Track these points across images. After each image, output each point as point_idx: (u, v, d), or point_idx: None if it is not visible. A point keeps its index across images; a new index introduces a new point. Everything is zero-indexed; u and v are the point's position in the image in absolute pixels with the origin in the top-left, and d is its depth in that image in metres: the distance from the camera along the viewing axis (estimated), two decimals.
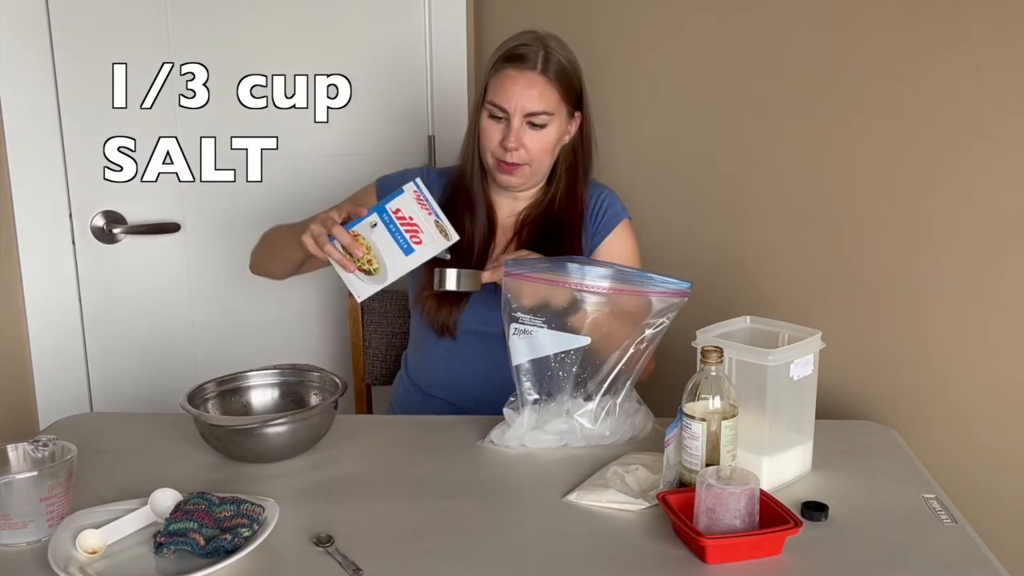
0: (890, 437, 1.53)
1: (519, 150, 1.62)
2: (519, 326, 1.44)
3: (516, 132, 1.61)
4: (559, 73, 1.63)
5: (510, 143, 1.61)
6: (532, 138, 1.63)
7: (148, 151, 2.13)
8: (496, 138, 1.63)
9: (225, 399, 1.53)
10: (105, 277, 2.14)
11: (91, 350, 2.16)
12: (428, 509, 1.28)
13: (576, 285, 1.43)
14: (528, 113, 1.61)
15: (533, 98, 1.60)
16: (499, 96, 1.61)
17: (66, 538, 1.15)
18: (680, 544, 1.18)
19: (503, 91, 1.61)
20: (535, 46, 1.62)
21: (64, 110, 2.04)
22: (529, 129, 1.62)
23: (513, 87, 1.61)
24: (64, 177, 2.07)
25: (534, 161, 1.65)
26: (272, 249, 1.77)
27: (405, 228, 1.52)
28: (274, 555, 1.16)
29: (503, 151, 1.63)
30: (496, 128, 1.63)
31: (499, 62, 1.63)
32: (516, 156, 1.63)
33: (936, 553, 1.17)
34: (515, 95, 1.60)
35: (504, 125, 1.62)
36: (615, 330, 1.46)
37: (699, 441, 1.26)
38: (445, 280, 1.52)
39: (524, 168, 1.65)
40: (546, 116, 1.62)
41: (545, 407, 1.46)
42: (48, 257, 2.08)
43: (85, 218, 2.11)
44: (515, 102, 1.60)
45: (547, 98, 1.62)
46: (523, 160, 1.64)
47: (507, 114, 1.61)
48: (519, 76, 1.61)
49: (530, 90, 1.60)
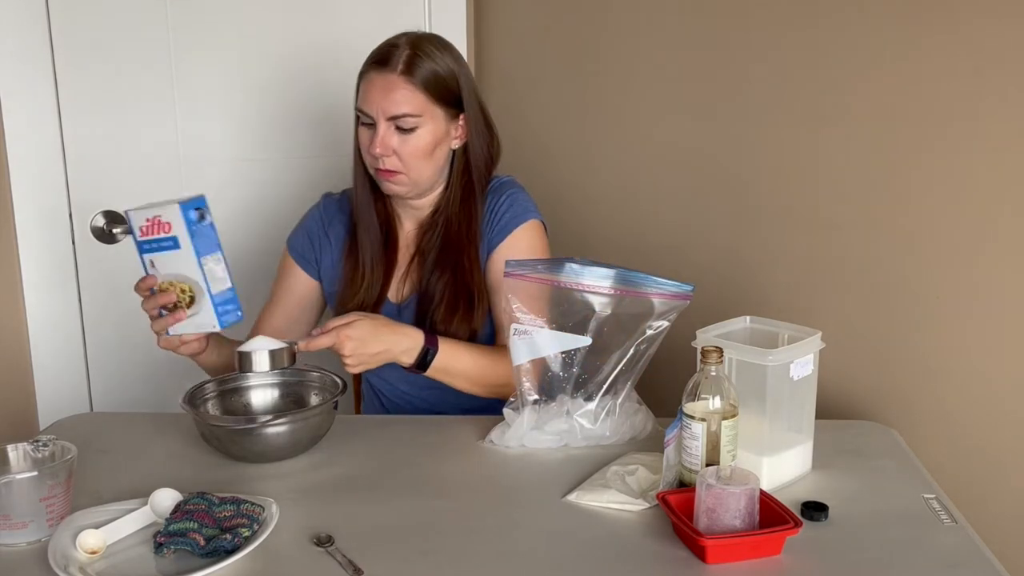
0: (890, 437, 1.53)
1: (390, 156, 1.56)
2: (519, 327, 1.44)
3: (381, 137, 1.55)
4: (425, 74, 1.55)
5: (375, 149, 1.55)
6: (401, 143, 1.56)
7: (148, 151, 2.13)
8: (366, 143, 1.58)
9: (225, 399, 1.54)
10: (105, 277, 2.14)
11: (91, 350, 2.16)
12: (428, 509, 1.28)
13: (575, 285, 1.43)
14: (390, 116, 1.54)
15: (394, 101, 1.54)
16: (362, 101, 1.57)
17: (66, 538, 1.15)
18: (680, 544, 1.18)
19: (365, 96, 1.57)
20: (402, 47, 1.56)
21: (64, 110, 2.04)
22: (398, 133, 1.56)
23: (373, 91, 1.55)
24: (64, 177, 2.07)
25: (410, 168, 1.58)
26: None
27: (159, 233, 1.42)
28: (274, 555, 1.16)
29: (373, 158, 1.58)
30: (367, 135, 1.58)
31: (364, 66, 1.59)
32: (389, 163, 1.57)
33: (936, 553, 1.17)
34: (375, 99, 1.55)
35: (372, 132, 1.57)
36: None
37: (699, 441, 1.26)
38: (252, 363, 1.41)
39: (401, 176, 1.59)
40: (412, 119, 1.55)
41: (545, 407, 1.46)
42: (48, 257, 2.08)
43: (85, 218, 2.11)
44: (376, 106, 1.55)
45: (410, 100, 1.54)
46: (396, 167, 1.57)
47: (372, 119, 1.56)
48: (378, 79, 1.55)
49: (391, 93, 1.54)
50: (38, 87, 2.01)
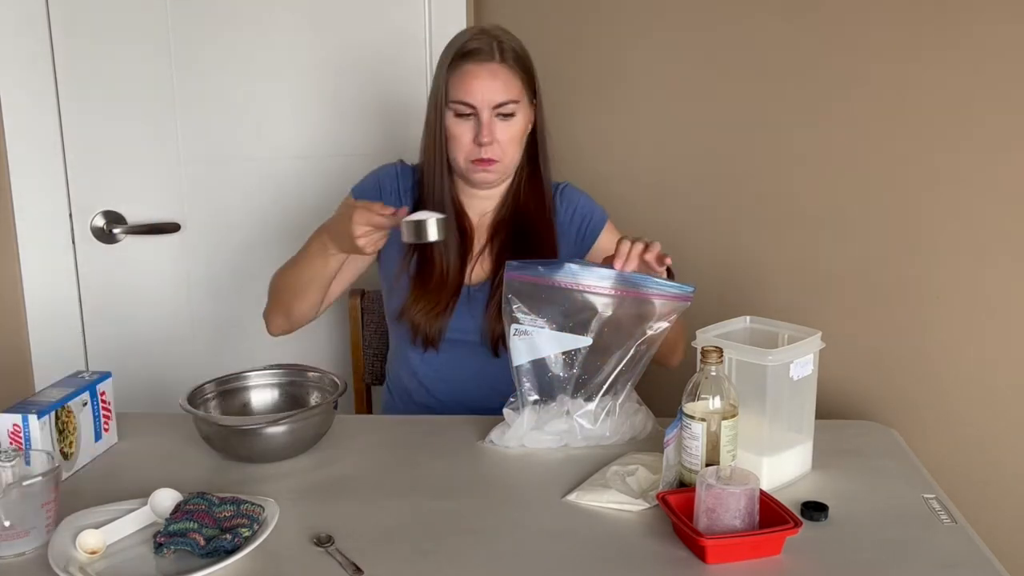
0: (890, 437, 1.53)
1: (493, 144, 1.59)
2: (519, 327, 1.44)
3: (488, 125, 1.58)
4: (517, 60, 1.61)
5: (484, 137, 1.58)
6: (502, 130, 1.60)
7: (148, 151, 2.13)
8: (467, 137, 1.60)
9: (225, 399, 1.53)
10: (105, 277, 2.14)
11: (91, 350, 2.16)
12: (428, 509, 1.28)
13: (576, 286, 1.43)
14: (496, 104, 1.58)
15: (498, 88, 1.58)
16: (463, 93, 1.58)
17: (66, 538, 1.15)
18: (680, 544, 1.18)
19: (466, 87, 1.58)
20: (486, 38, 1.60)
21: (64, 110, 2.04)
22: (499, 121, 1.60)
23: (475, 81, 1.57)
24: (64, 177, 2.07)
25: (505, 154, 1.62)
26: (296, 283, 1.66)
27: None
28: (274, 555, 1.16)
29: (476, 148, 1.60)
30: (465, 127, 1.60)
31: (455, 60, 1.60)
32: (491, 151, 1.60)
33: (936, 553, 1.17)
34: (480, 88, 1.57)
35: (473, 122, 1.59)
36: None
37: (699, 441, 1.26)
38: (426, 231, 1.43)
39: (498, 163, 1.62)
40: (513, 105, 1.60)
41: (545, 408, 1.46)
42: (48, 257, 2.08)
43: (85, 218, 2.11)
44: (481, 95, 1.57)
45: (512, 86, 1.59)
46: (496, 155, 1.61)
47: (475, 110, 1.58)
48: (480, 69, 1.58)
49: (494, 81, 1.58)
50: (38, 87, 2.01)
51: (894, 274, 1.85)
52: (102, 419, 1.46)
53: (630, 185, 1.97)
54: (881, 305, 1.87)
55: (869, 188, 1.86)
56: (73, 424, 1.39)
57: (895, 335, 1.86)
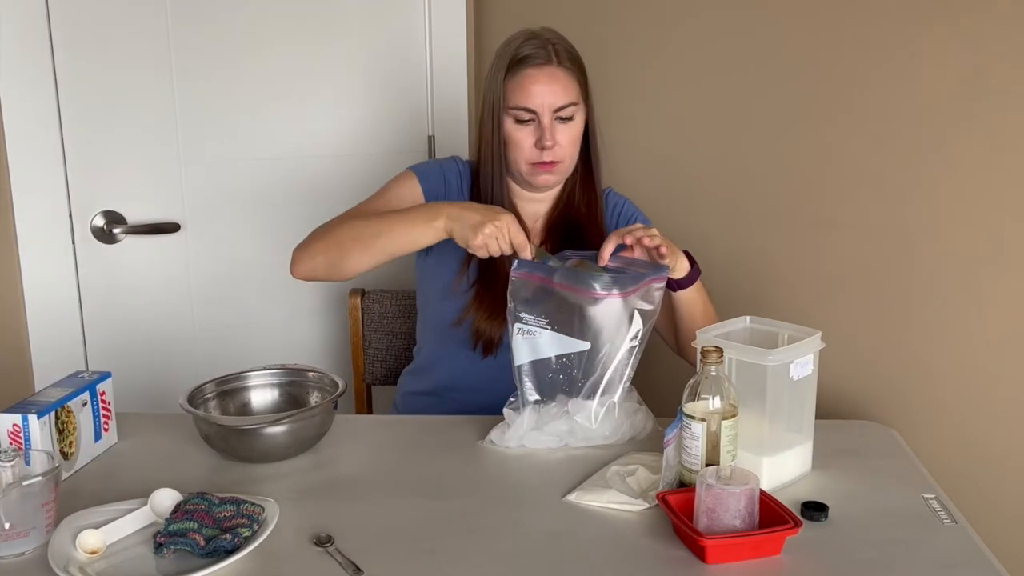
0: (890, 437, 1.53)
1: (555, 147, 1.61)
2: (523, 326, 1.44)
3: (549, 129, 1.59)
4: (573, 61, 1.62)
5: (547, 141, 1.59)
6: (563, 132, 1.61)
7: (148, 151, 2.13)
8: (528, 142, 1.61)
9: (225, 399, 1.53)
10: (105, 277, 2.14)
11: (91, 350, 2.16)
12: (428, 509, 1.28)
13: (573, 289, 1.43)
14: (557, 108, 1.59)
15: (558, 92, 1.59)
16: (523, 98, 1.59)
17: (66, 538, 1.15)
18: (680, 544, 1.18)
19: (526, 92, 1.59)
20: (540, 42, 1.61)
21: (64, 110, 2.04)
22: (559, 124, 1.61)
23: (535, 86, 1.59)
24: (64, 177, 2.07)
25: (566, 156, 1.64)
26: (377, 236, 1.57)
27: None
28: (274, 555, 1.16)
29: (538, 153, 1.61)
30: (526, 132, 1.61)
31: (513, 66, 1.60)
32: (552, 154, 1.61)
33: (936, 553, 1.17)
34: (540, 93, 1.59)
35: (534, 127, 1.61)
36: None
37: (699, 441, 1.26)
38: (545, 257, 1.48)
39: (561, 164, 1.63)
40: (573, 107, 1.61)
41: (545, 408, 1.46)
42: (48, 257, 2.08)
43: (85, 218, 2.11)
44: (541, 99, 1.59)
45: (570, 89, 1.61)
46: (558, 157, 1.62)
47: (535, 115, 1.60)
48: (539, 74, 1.59)
49: (554, 84, 1.59)
50: (38, 87, 2.00)
51: (894, 274, 1.85)
52: (102, 419, 1.46)
53: (630, 185, 1.97)
54: (881, 305, 1.87)
55: (869, 188, 1.86)
56: (73, 424, 1.39)
57: (895, 335, 1.86)
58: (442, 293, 1.71)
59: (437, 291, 1.72)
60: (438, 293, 1.72)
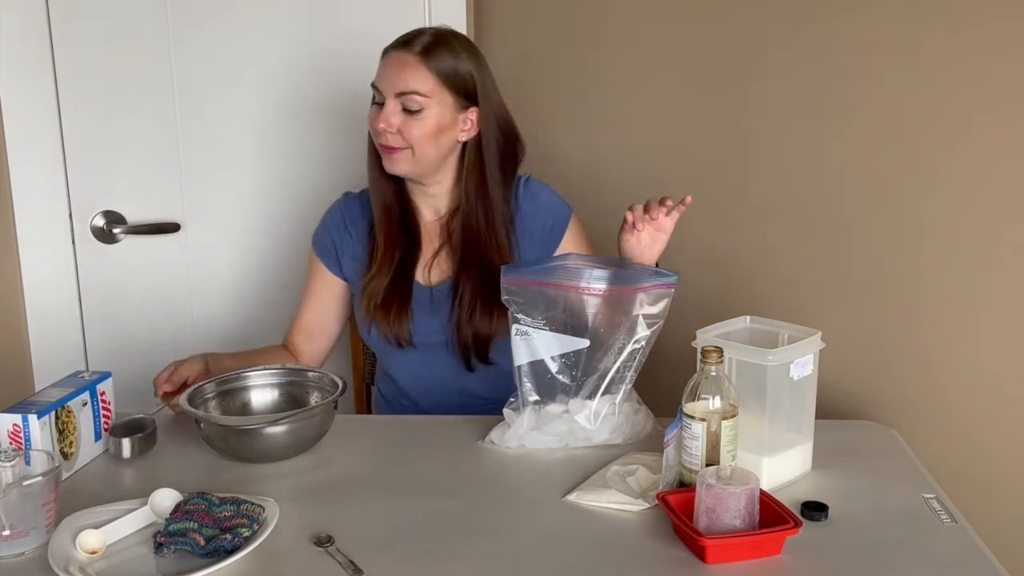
0: (890, 437, 1.53)
1: (393, 133, 1.59)
2: (520, 327, 1.44)
3: (386, 112, 1.59)
4: (440, 59, 1.59)
5: (379, 124, 1.59)
6: (408, 123, 1.59)
7: (148, 151, 2.13)
8: (374, 121, 1.62)
9: (225, 399, 1.54)
10: (105, 277, 2.14)
11: (91, 350, 2.16)
12: (428, 509, 1.28)
13: (567, 287, 1.43)
14: (398, 93, 1.58)
15: (405, 79, 1.58)
16: (377, 78, 1.62)
17: (66, 538, 1.15)
18: (680, 544, 1.18)
19: (380, 72, 1.62)
20: (426, 35, 1.62)
21: (64, 110, 2.04)
22: (404, 114, 1.59)
23: (388, 68, 1.61)
24: (64, 177, 2.07)
25: (415, 147, 1.60)
26: None
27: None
28: (274, 555, 1.16)
29: (378, 133, 1.61)
30: (375, 111, 1.62)
31: (387, 47, 1.63)
32: (392, 139, 1.60)
33: (936, 553, 1.17)
34: (388, 75, 1.60)
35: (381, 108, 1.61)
36: None
37: (699, 441, 1.26)
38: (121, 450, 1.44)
39: (405, 152, 1.61)
40: (419, 98, 1.58)
41: (545, 408, 1.46)
42: (48, 257, 2.08)
43: (85, 218, 2.11)
44: (387, 82, 1.59)
45: (420, 80, 1.58)
46: (400, 144, 1.60)
47: (383, 96, 1.60)
48: (395, 56, 1.60)
49: (403, 71, 1.58)
50: (38, 87, 2.00)
51: (894, 274, 1.85)
52: (102, 419, 1.46)
53: (629, 185, 1.97)
54: (881, 305, 1.87)
55: (869, 188, 1.86)
56: (73, 424, 1.39)
57: (895, 335, 1.86)
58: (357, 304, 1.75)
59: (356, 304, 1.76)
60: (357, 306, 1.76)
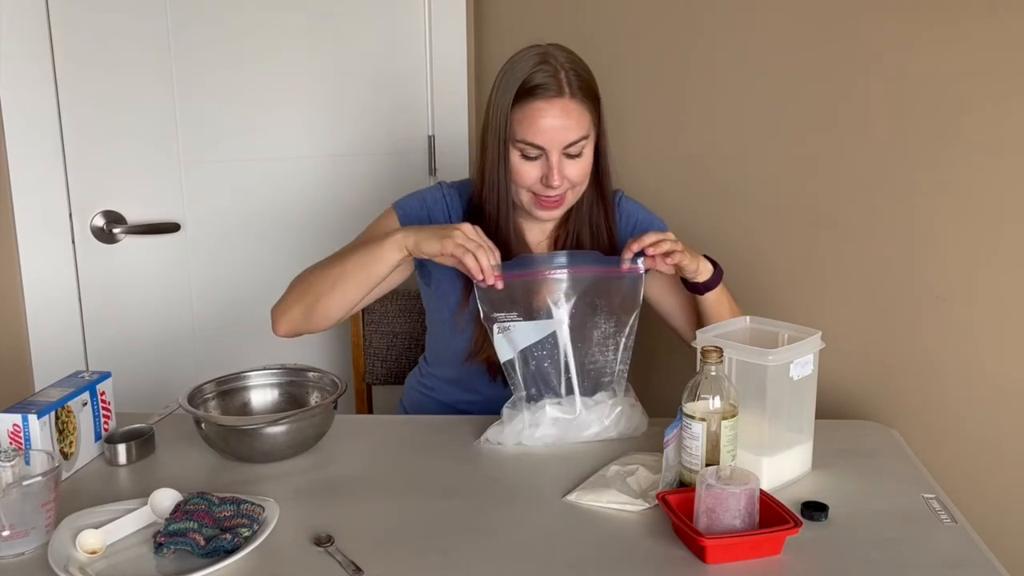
0: (890, 437, 1.53)
1: (562, 182, 1.50)
2: (500, 324, 1.46)
3: (557, 167, 1.48)
4: (585, 90, 1.50)
5: (554, 180, 1.48)
6: (572, 167, 1.50)
7: (148, 151, 2.13)
8: (534, 175, 1.50)
9: (225, 399, 1.54)
10: (105, 277, 2.14)
11: (91, 350, 2.16)
12: (428, 509, 1.28)
13: (534, 275, 1.47)
14: (567, 145, 1.48)
15: (570, 127, 1.47)
16: (531, 134, 1.47)
17: (66, 538, 1.15)
18: (680, 544, 1.18)
19: (535, 128, 1.47)
20: (552, 69, 1.47)
21: (64, 110, 2.04)
22: (567, 160, 1.49)
23: (544, 120, 1.46)
24: (64, 177, 2.07)
25: (577, 187, 1.54)
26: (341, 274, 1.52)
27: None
28: (274, 555, 1.16)
29: (543, 187, 1.50)
30: (532, 166, 1.50)
31: (521, 96, 1.47)
32: (559, 190, 1.51)
33: (936, 553, 1.17)
34: (549, 128, 1.46)
35: (541, 162, 1.50)
36: None
37: (699, 441, 1.26)
38: (116, 457, 1.43)
39: (567, 196, 1.54)
40: (584, 142, 1.50)
41: (541, 406, 1.47)
42: (48, 257, 2.08)
43: (85, 218, 2.11)
44: (551, 136, 1.47)
45: (583, 122, 1.49)
46: (565, 189, 1.52)
47: (543, 151, 1.48)
48: (549, 108, 1.46)
49: (565, 119, 1.47)
50: (38, 87, 2.00)
51: (894, 274, 1.85)
52: (102, 419, 1.46)
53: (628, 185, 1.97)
54: (881, 305, 1.87)
55: (869, 188, 1.86)
56: (73, 424, 1.39)
57: (895, 335, 1.86)
58: (449, 327, 1.65)
59: (442, 323, 1.67)
60: (445, 326, 1.66)
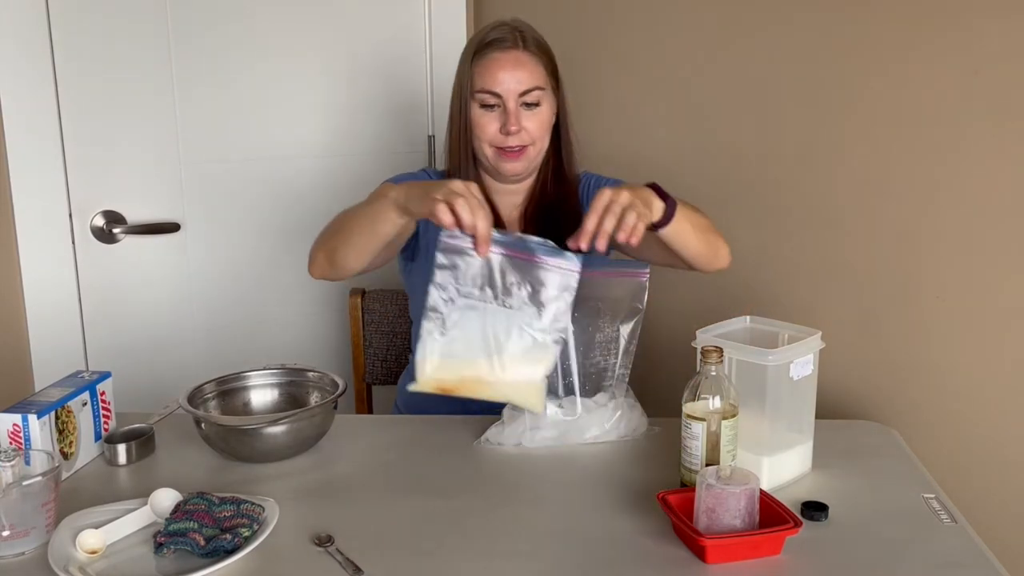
0: (890, 437, 1.53)
1: (520, 132, 1.59)
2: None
3: (514, 114, 1.58)
4: (539, 47, 1.61)
5: (512, 126, 1.57)
6: (529, 118, 1.59)
7: (148, 151, 2.13)
8: (493, 127, 1.59)
9: (225, 399, 1.53)
10: (105, 277, 2.14)
11: (91, 350, 2.16)
12: (428, 509, 1.28)
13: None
14: (522, 92, 1.58)
15: (523, 76, 1.58)
16: (489, 82, 1.58)
17: (66, 538, 1.15)
18: (680, 544, 1.18)
19: (492, 76, 1.58)
20: (507, 28, 1.61)
21: (64, 110, 2.04)
22: (524, 110, 1.59)
23: (501, 70, 1.57)
24: (64, 177, 2.07)
25: (536, 141, 1.62)
26: (352, 228, 1.51)
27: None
28: (274, 555, 1.16)
29: (503, 137, 1.59)
30: (491, 117, 1.60)
31: (480, 50, 1.60)
32: (518, 139, 1.59)
33: (936, 553, 1.17)
34: (505, 77, 1.57)
35: (499, 112, 1.59)
36: None
37: (699, 441, 1.26)
38: (117, 457, 1.43)
39: (528, 150, 1.61)
40: (539, 92, 1.59)
41: None
42: (48, 257, 2.08)
43: (85, 218, 2.11)
44: (507, 84, 1.57)
45: (536, 73, 1.59)
46: (525, 142, 1.60)
47: (500, 99, 1.58)
48: (505, 57, 1.58)
49: (519, 69, 1.58)
50: (38, 87, 2.00)
51: (894, 274, 1.85)
52: (102, 419, 1.46)
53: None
54: (881, 305, 1.87)
55: (869, 188, 1.86)
56: (73, 424, 1.39)
57: (895, 335, 1.86)
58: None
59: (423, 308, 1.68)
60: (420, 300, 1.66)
